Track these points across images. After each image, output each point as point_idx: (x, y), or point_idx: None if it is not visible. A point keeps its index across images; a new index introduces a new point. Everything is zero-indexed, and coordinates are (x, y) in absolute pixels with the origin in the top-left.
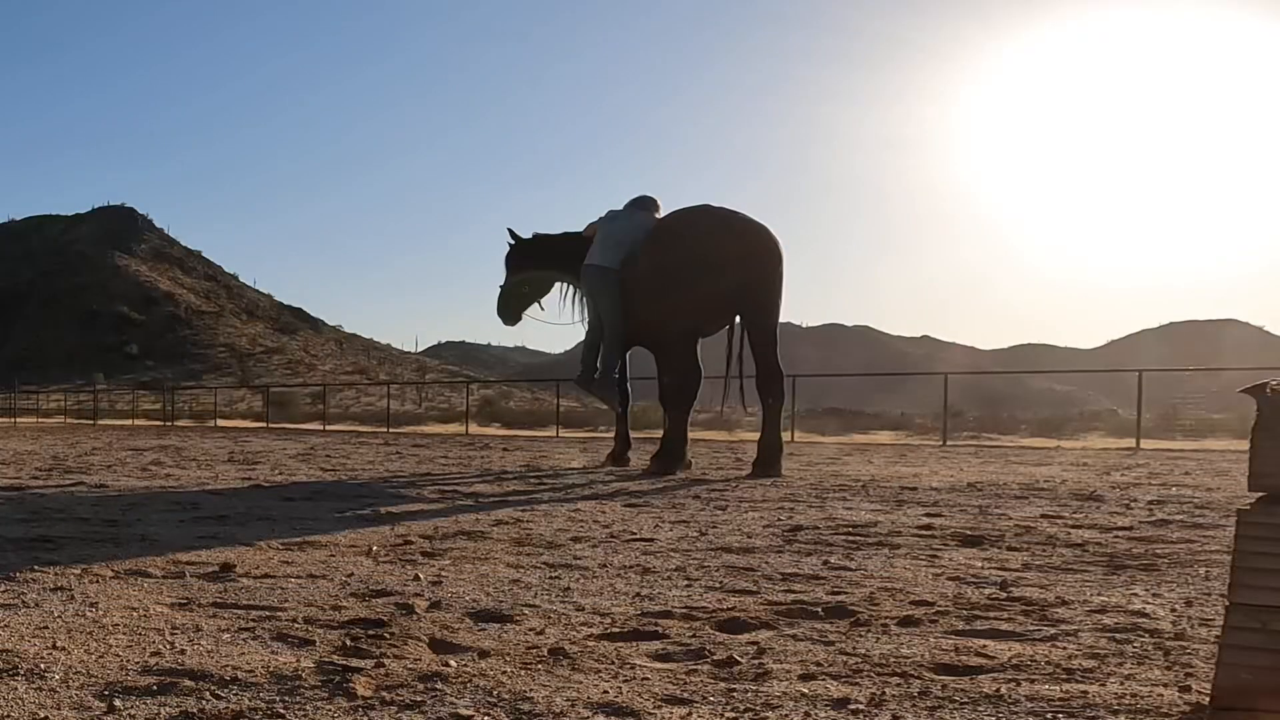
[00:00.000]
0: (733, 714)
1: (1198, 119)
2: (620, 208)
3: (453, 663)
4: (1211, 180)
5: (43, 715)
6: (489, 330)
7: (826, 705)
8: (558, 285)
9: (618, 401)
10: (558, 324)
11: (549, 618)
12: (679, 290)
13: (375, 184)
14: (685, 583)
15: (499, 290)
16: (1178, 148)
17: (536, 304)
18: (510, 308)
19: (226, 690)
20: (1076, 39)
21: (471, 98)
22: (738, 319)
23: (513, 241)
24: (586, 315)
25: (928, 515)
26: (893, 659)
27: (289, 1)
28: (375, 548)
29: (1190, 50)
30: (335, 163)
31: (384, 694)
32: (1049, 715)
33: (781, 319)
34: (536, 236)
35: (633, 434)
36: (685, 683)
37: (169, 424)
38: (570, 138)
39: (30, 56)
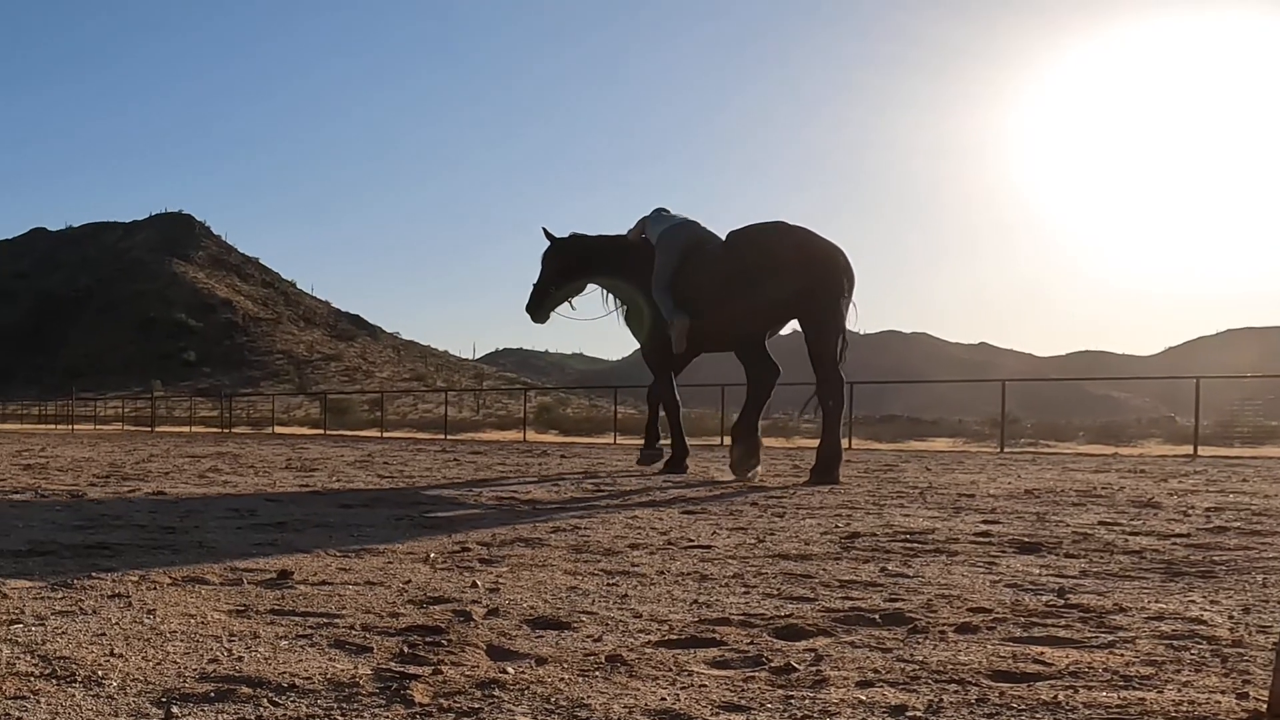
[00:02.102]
0: None
1: (1258, 125)
2: (666, 222)
3: (510, 670)
4: (1272, 186)
5: None
6: (547, 337)
7: (884, 712)
8: (593, 288)
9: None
10: (586, 319)
11: (606, 625)
12: (754, 292)
13: (433, 190)
14: (743, 590)
15: (532, 287)
16: (1238, 153)
17: (567, 303)
18: (542, 306)
19: (284, 697)
20: (1136, 45)
21: (529, 104)
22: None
23: (551, 240)
24: (648, 325)
25: (985, 522)
26: (950, 666)
27: (346, 9)
28: (433, 555)
29: (1252, 57)
30: (394, 169)
31: (441, 701)
32: None
33: None
34: (574, 237)
35: (687, 441)
36: (743, 690)
37: (226, 431)
38: (628, 144)
39: (89, 64)
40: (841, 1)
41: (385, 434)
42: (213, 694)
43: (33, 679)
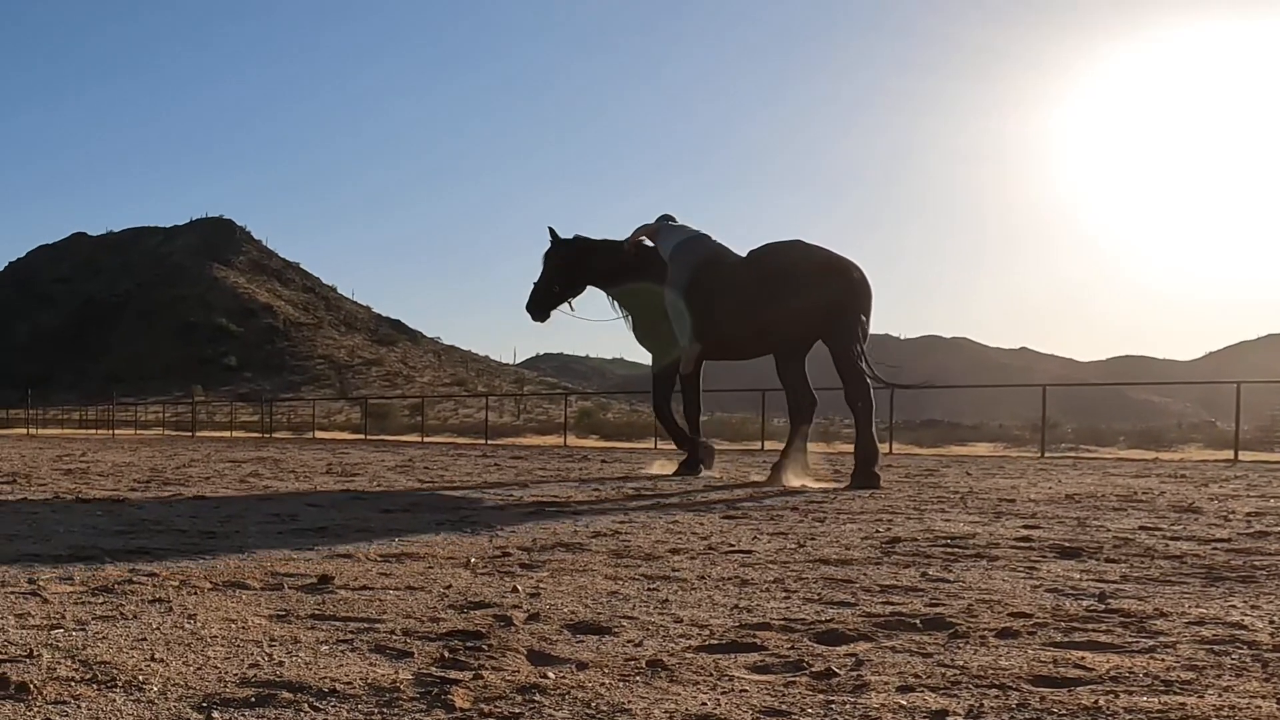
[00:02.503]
0: None
1: None
2: (680, 234)
3: (551, 674)
4: None
5: None
6: (587, 342)
7: (925, 717)
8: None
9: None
10: (587, 320)
11: (647, 629)
12: (779, 305)
13: (474, 194)
14: (783, 594)
15: (533, 286)
16: (1277, 157)
17: (567, 304)
18: (542, 305)
19: (325, 702)
20: (1176, 49)
21: (567, 109)
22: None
23: (554, 240)
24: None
25: (1026, 527)
26: (991, 671)
27: (384, 12)
28: (473, 560)
29: None
30: (435, 172)
31: (482, 706)
32: None
33: (880, 330)
34: (577, 238)
35: (720, 444)
36: (783, 694)
37: (267, 436)
38: (664, 150)
39: (129, 68)
40: (879, 7)
41: (426, 439)
42: (253, 699)
43: (73, 684)
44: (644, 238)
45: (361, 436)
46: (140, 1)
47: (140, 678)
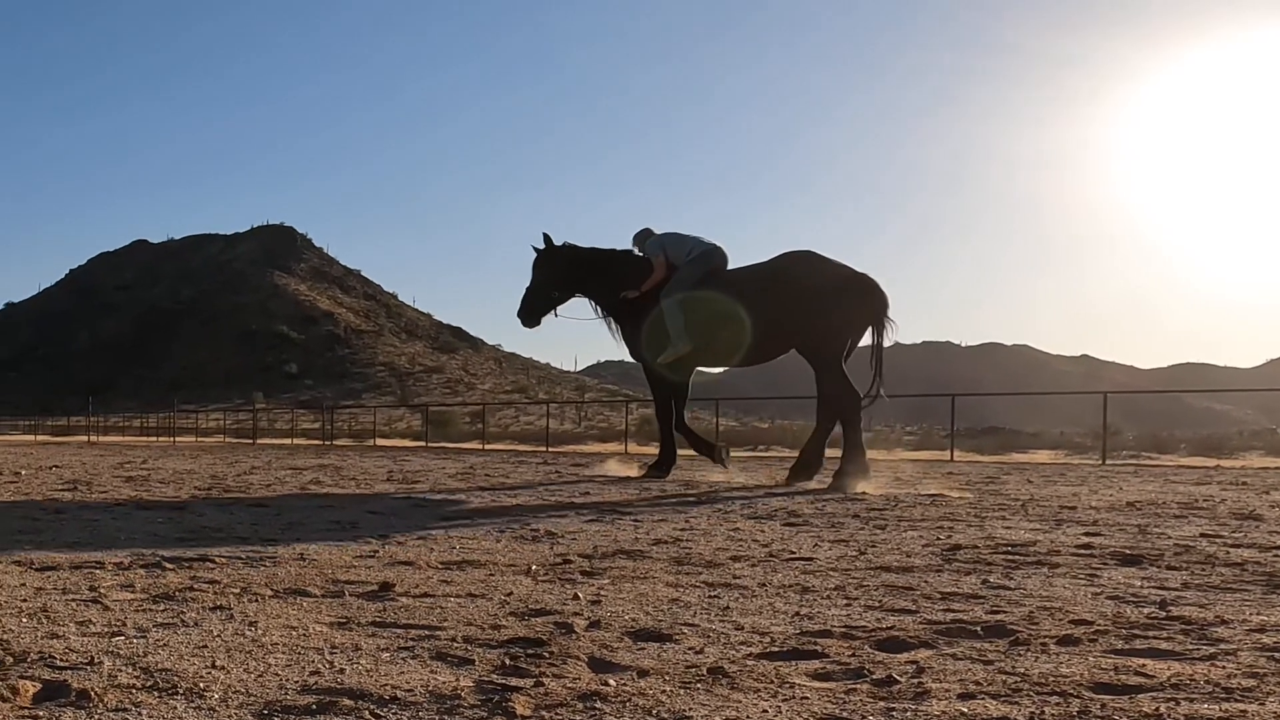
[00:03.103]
0: None
1: None
2: (690, 244)
3: (612, 682)
4: None
5: None
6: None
7: None
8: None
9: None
10: (576, 319)
11: (708, 637)
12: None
13: (536, 202)
14: (844, 602)
15: (525, 292)
16: None
17: (553, 311)
18: (534, 312)
19: (386, 709)
20: (1239, 56)
21: (631, 116)
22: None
23: (545, 247)
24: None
25: (1087, 534)
26: (1052, 678)
27: (447, 19)
28: (534, 567)
29: None
30: (495, 179)
31: (543, 713)
32: None
33: (941, 338)
34: (567, 246)
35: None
36: (844, 702)
37: (328, 443)
38: (724, 159)
39: (190, 75)
40: (940, 15)
41: (487, 446)
42: (314, 706)
43: (135, 691)
44: (635, 248)
45: (422, 444)
46: (204, 10)
47: (201, 685)
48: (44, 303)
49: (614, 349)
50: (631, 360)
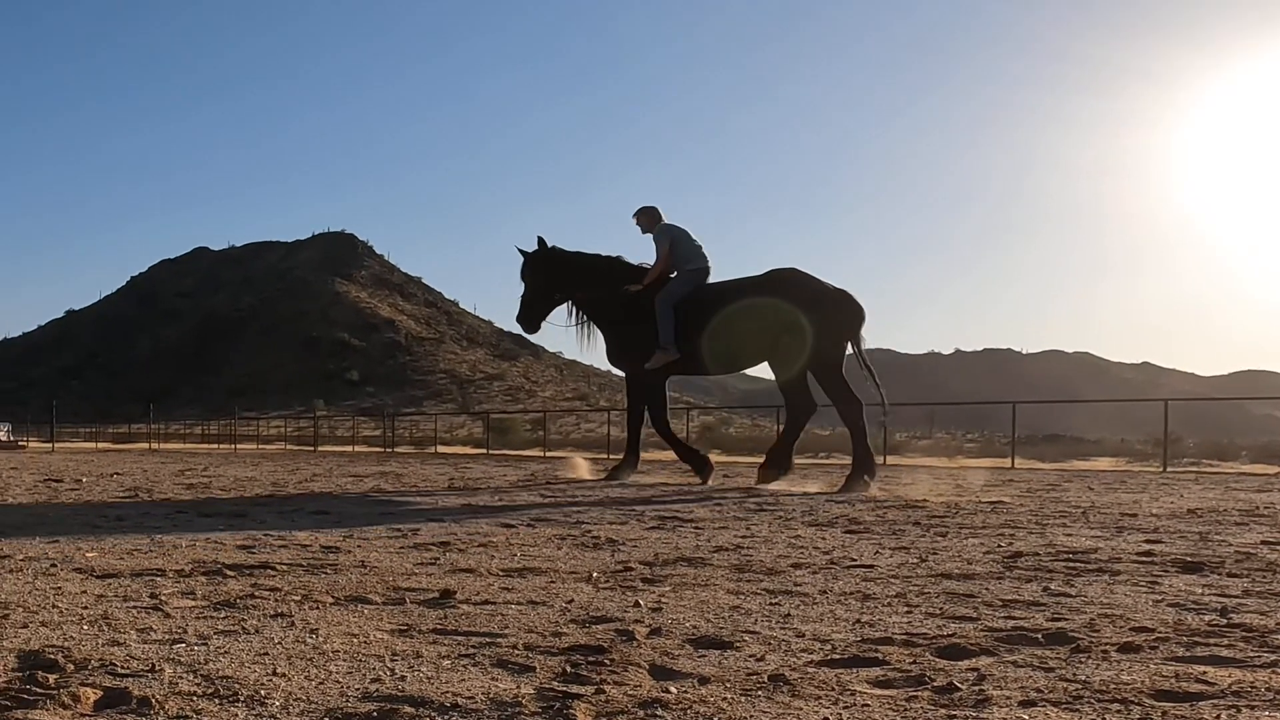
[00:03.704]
0: None
1: None
2: (695, 253)
3: (673, 689)
4: None
5: None
6: None
7: None
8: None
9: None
10: (556, 325)
11: (769, 644)
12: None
13: (597, 208)
14: (905, 609)
15: (522, 299)
16: None
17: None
18: (537, 316)
19: (446, 717)
20: None
21: (693, 123)
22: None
23: (540, 250)
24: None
25: (1148, 541)
26: (1113, 685)
27: (505, 29)
28: (595, 574)
29: None
30: (557, 186)
31: None
32: None
33: (1002, 345)
34: (555, 250)
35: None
36: (905, 709)
37: (389, 450)
38: (789, 165)
39: (252, 84)
40: (1002, 22)
41: (548, 453)
42: (375, 713)
43: (195, 698)
44: (638, 223)
45: (483, 451)
46: (267, 19)
47: (262, 692)
48: (105, 309)
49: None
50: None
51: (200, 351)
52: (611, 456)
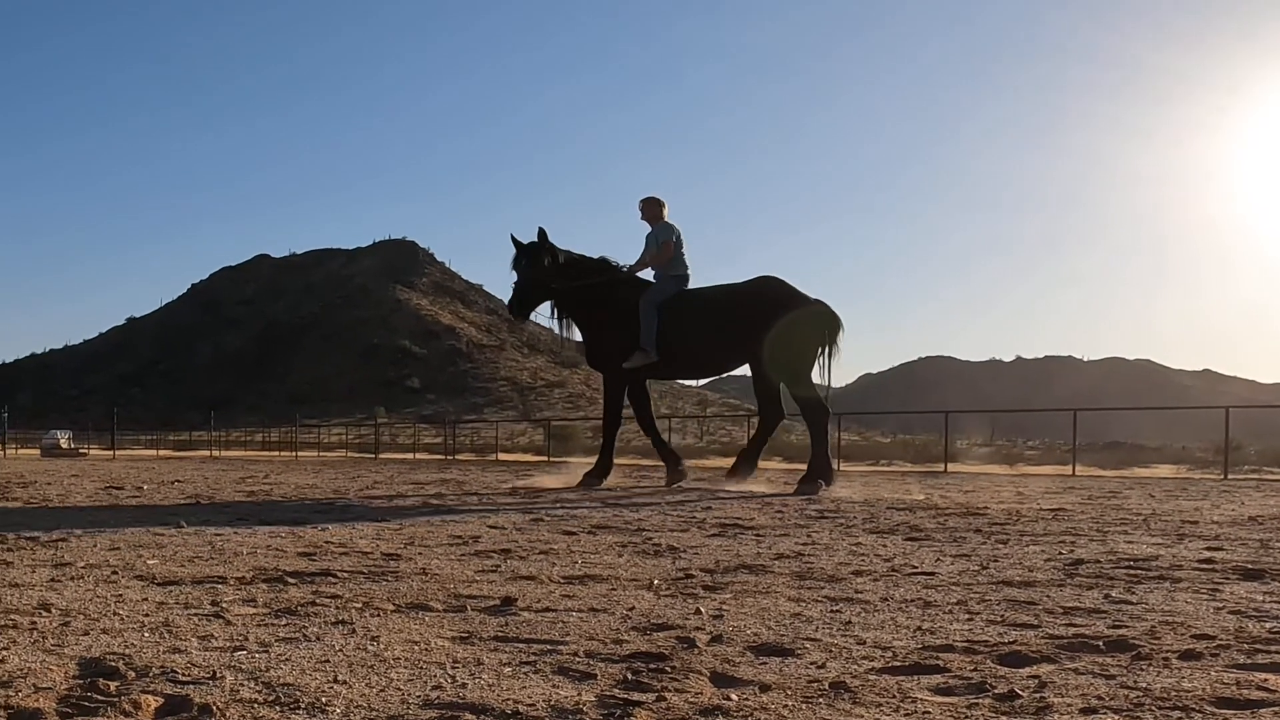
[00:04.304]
0: None
1: None
2: (683, 260)
3: (734, 696)
4: None
5: None
6: None
7: None
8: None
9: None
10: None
11: (830, 651)
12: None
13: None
14: (966, 616)
15: (520, 285)
16: None
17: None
18: (529, 306)
19: None
20: None
21: (756, 131)
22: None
23: (540, 241)
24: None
25: (1209, 549)
26: (1174, 693)
27: (572, 33)
28: (656, 581)
29: None
30: (615, 194)
31: None
32: None
33: (1064, 352)
34: (548, 245)
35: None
36: (966, 716)
37: (450, 458)
38: (850, 173)
39: (314, 91)
40: (1062, 30)
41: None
42: None
43: (256, 706)
44: (641, 210)
45: (545, 459)
46: (328, 27)
47: (323, 700)
48: (166, 317)
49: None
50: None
51: (261, 359)
52: (648, 462)
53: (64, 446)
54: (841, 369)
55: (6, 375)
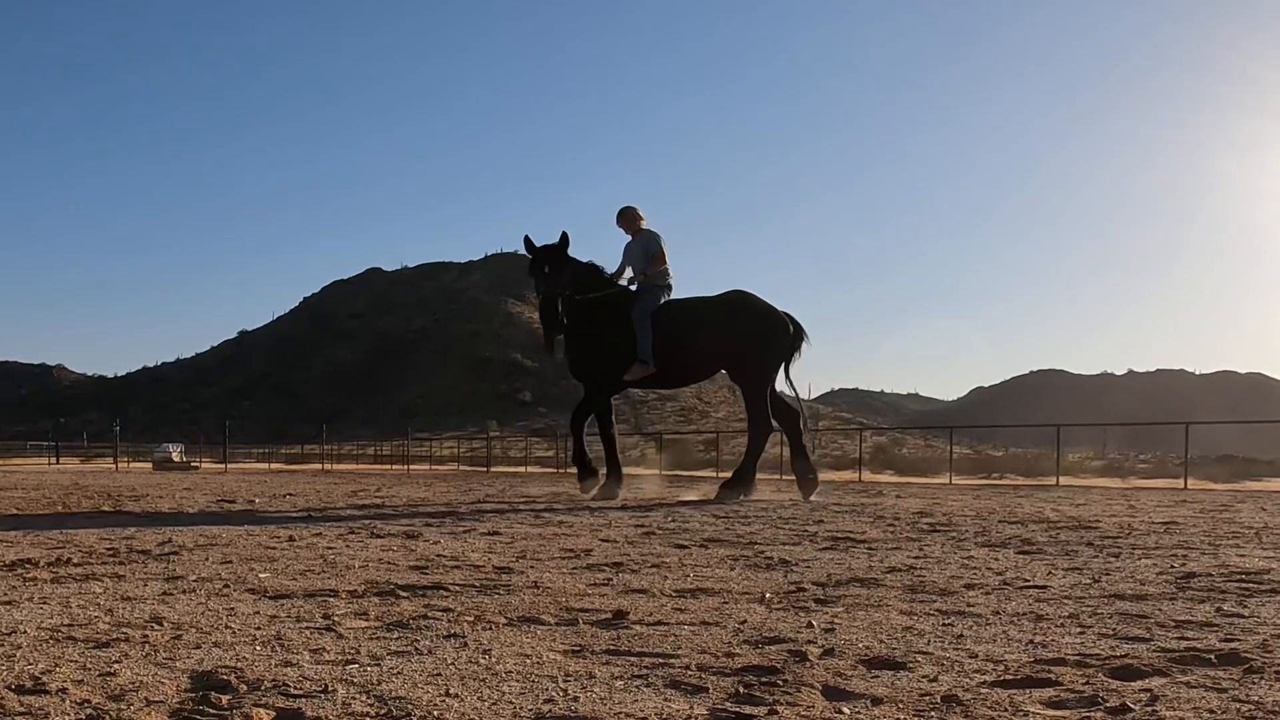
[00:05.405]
0: None
1: None
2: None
3: (846, 710)
4: None
5: None
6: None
7: None
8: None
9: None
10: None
11: (942, 665)
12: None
13: (778, 225)
14: (1078, 630)
15: (549, 301)
16: None
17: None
18: (556, 323)
19: None
20: None
21: (861, 150)
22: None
23: (561, 245)
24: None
25: None
26: None
27: (678, 54)
28: (768, 594)
29: None
30: (742, 205)
31: None
32: None
33: (1175, 365)
34: (565, 252)
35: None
36: None
37: (561, 471)
38: (964, 187)
39: (426, 108)
40: (1176, 44)
41: (720, 474)
42: None
43: (369, 719)
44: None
45: (656, 472)
46: (440, 45)
47: (435, 713)
48: (278, 330)
49: (850, 377)
50: (874, 389)
51: (372, 372)
52: (784, 478)
53: (176, 460)
54: (943, 384)
55: (119, 389)
